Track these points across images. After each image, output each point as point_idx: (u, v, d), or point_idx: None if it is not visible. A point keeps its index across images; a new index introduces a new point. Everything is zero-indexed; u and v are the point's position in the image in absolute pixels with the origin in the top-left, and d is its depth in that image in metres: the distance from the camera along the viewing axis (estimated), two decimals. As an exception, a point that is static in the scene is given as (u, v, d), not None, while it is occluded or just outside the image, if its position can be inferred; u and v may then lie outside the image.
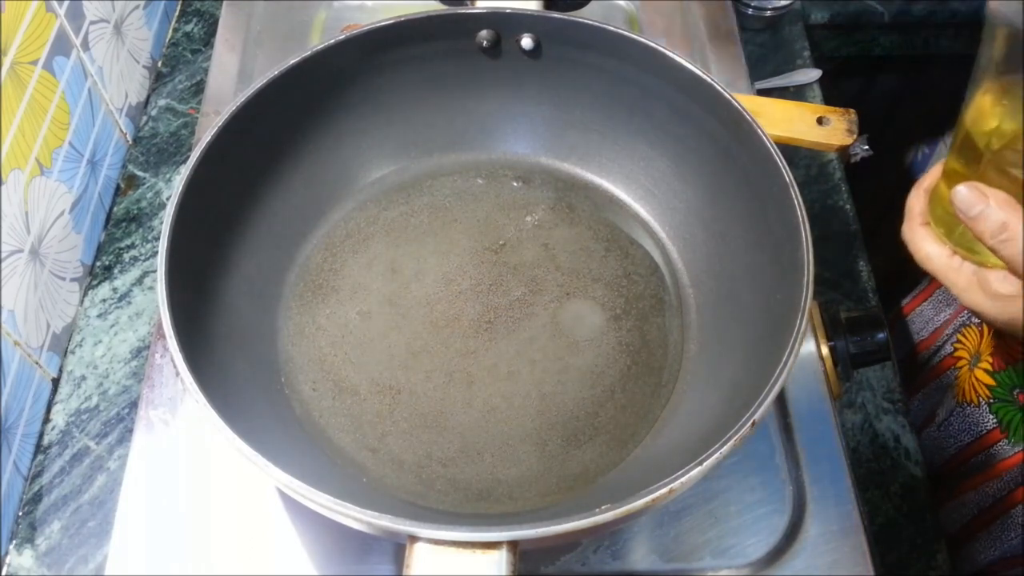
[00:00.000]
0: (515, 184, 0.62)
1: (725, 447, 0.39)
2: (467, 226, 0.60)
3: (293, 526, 0.53)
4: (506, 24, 0.56)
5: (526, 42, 0.57)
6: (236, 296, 0.52)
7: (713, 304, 0.56)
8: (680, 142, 0.57)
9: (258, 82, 0.52)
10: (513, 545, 0.37)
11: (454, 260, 0.58)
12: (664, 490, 0.38)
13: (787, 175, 0.48)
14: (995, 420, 0.62)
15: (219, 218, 0.52)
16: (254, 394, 0.50)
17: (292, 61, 0.53)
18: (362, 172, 0.61)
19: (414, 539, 0.37)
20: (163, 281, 0.44)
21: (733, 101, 0.51)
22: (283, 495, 0.54)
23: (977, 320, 0.66)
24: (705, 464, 0.39)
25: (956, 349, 0.68)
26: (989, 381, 0.62)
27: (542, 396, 0.53)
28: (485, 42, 0.57)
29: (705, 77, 0.52)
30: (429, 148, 0.62)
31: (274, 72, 0.52)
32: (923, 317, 0.75)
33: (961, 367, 0.66)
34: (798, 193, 0.47)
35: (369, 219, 0.60)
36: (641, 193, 0.61)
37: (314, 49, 0.53)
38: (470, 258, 0.59)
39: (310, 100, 0.56)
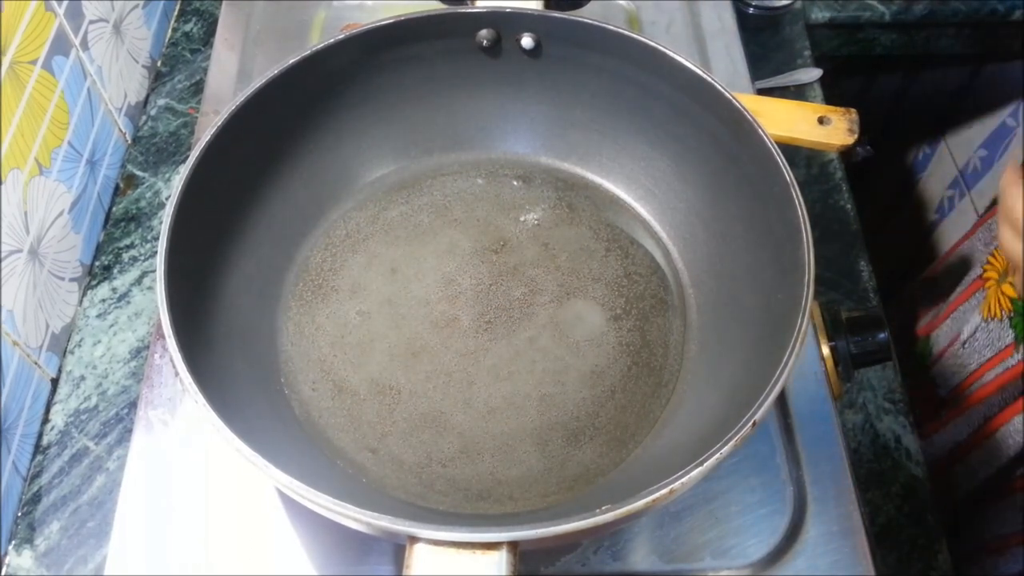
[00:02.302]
0: (515, 184, 0.62)
1: (726, 447, 0.39)
2: (467, 226, 0.60)
3: (292, 526, 0.53)
4: (506, 23, 0.56)
5: (526, 41, 0.57)
6: (235, 296, 0.52)
7: (714, 304, 0.56)
8: (680, 141, 0.57)
9: (257, 81, 0.52)
10: (513, 546, 0.37)
11: (454, 260, 0.58)
12: (665, 491, 0.38)
13: (788, 175, 0.48)
14: (1012, 336, 0.63)
15: (218, 218, 0.52)
16: (253, 394, 0.50)
17: (291, 60, 0.53)
18: (362, 171, 0.61)
19: (414, 540, 0.37)
20: (162, 281, 0.44)
21: (734, 100, 0.51)
22: (283, 495, 0.53)
23: None
24: (706, 464, 0.39)
25: (985, 270, 0.68)
26: (1012, 293, 0.63)
27: (542, 396, 0.53)
28: (485, 41, 0.57)
29: (706, 76, 0.52)
30: (429, 147, 0.62)
31: (273, 71, 0.52)
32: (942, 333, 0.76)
33: (989, 287, 0.66)
34: (799, 193, 0.47)
35: (369, 219, 0.60)
36: (641, 193, 0.61)
37: (314, 48, 0.53)
38: (470, 258, 0.58)
39: (310, 100, 0.56)
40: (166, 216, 0.46)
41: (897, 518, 0.60)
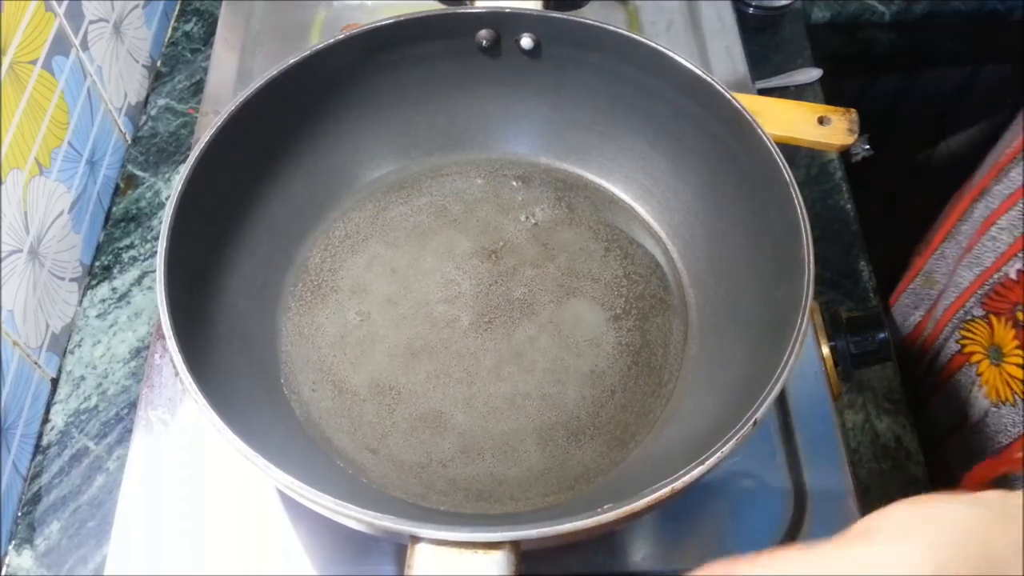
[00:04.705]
0: (514, 184, 0.62)
1: (726, 446, 0.39)
2: (467, 226, 0.60)
3: (292, 526, 0.53)
4: (506, 24, 0.56)
5: (526, 42, 0.57)
6: (235, 296, 0.52)
7: (714, 304, 0.56)
8: (680, 141, 0.57)
9: (257, 81, 0.52)
10: (515, 545, 0.37)
11: (454, 260, 0.58)
12: (666, 490, 0.38)
13: (787, 174, 0.48)
14: None
15: (218, 218, 0.52)
16: (254, 395, 0.50)
17: (291, 60, 0.53)
18: (361, 172, 0.61)
19: (416, 539, 0.37)
20: (162, 282, 0.44)
21: (733, 100, 0.51)
22: (283, 496, 0.53)
23: (980, 312, 0.65)
24: (706, 463, 0.39)
25: (964, 345, 0.66)
26: (1020, 375, 0.60)
27: (543, 396, 0.53)
28: (485, 42, 0.57)
29: (705, 76, 0.52)
30: (428, 148, 0.62)
31: (273, 71, 0.52)
32: (902, 309, 0.75)
33: (978, 362, 0.65)
34: (798, 192, 0.47)
35: (368, 219, 0.60)
36: (640, 193, 0.61)
37: (313, 49, 0.53)
38: (470, 258, 0.58)
39: (309, 100, 0.56)
40: (166, 216, 0.46)
41: (897, 518, 0.60)
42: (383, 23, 0.55)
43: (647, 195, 0.60)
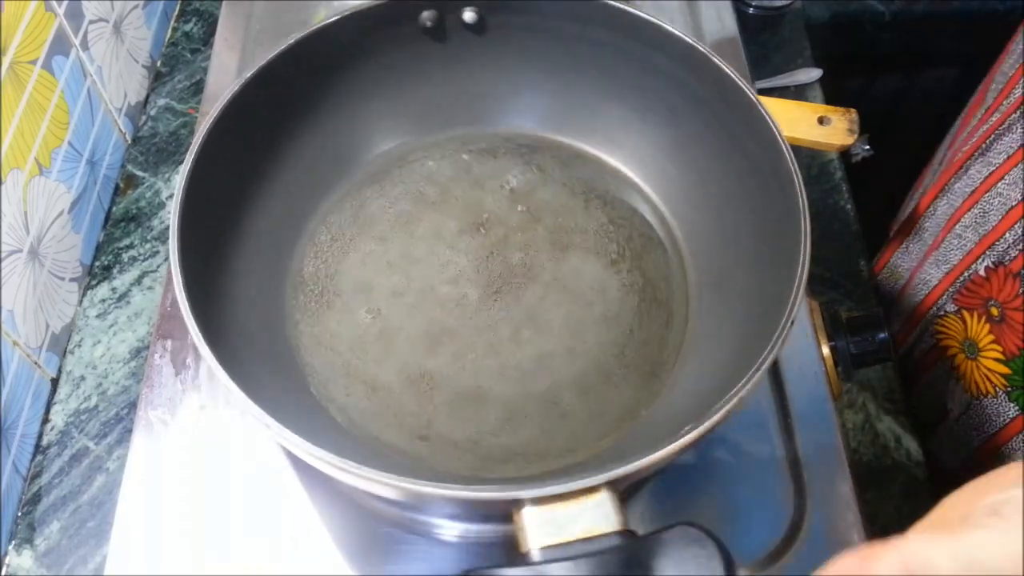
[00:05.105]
0: (481, 157, 0.62)
1: (776, 347, 0.41)
2: (447, 206, 0.60)
3: (292, 526, 0.53)
4: (446, 3, 0.57)
5: (468, 16, 0.57)
6: (245, 322, 0.51)
7: (701, 229, 0.57)
8: (627, 80, 0.58)
9: (221, 100, 0.50)
10: (613, 485, 0.38)
11: (444, 241, 0.59)
12: (735, 399, 0.40)
13: (751, 94, 0.49)
14: (1017, 408, 0.61)
15: (217, 242, 0.51)
16: (294, 412, 0.49)
17: (245, 76, 0.52)
18: (330, 174, 0.60)
19: (520, 504, 0.37)
20: (189, 315, 0.43)
21: (677, 33, 0.53)
22: (284, 496, 0.54)
23: (953, 307, 0.65)
24: (764, 365, 0.40)
25: (939, 340, 0.67)
26: (1003, 369, 0.61)
27: (567, 350, 0.54)
28: (429, 23, 0.57)
29: (646, 17, 0.53)
30: (390, 137, 0.62)
31: (235, 87, 0.51)
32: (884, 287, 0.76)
33: (953, 355, 0.65)
34: (764, 107, 0.48)
35: (349, 218, 0.60)
36: (602, 141, 0.62)
37: (258, 65, 0.53)
38: (459, 236, 0.59)
39: (273, 114, 0.55)
40: (172, 252, 0.45)
41: (897, 518, 0.60)
42: (324, 25, 0.55)
43: (608, 142, 0.61)
